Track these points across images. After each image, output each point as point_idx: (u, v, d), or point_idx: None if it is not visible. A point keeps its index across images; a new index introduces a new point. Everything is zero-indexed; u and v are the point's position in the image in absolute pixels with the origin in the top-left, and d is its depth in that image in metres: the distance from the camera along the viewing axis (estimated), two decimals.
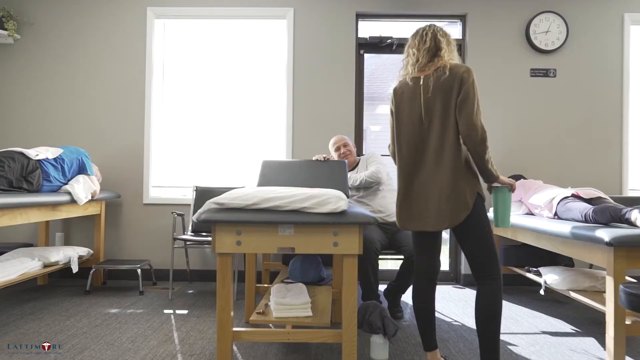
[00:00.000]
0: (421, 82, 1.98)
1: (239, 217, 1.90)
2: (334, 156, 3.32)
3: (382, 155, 3.37)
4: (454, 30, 4.16)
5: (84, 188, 3.30)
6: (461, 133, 1.86)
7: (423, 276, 2.04)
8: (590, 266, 3.69)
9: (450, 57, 1.96)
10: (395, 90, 2.09)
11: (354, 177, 3.15)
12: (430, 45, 1.98)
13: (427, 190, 1.94)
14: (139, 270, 3.50)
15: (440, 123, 1.91)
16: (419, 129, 1.98)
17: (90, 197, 3.37)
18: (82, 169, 3.39)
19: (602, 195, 2.77)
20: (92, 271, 3.52)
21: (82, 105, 4.02)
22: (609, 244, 2.06)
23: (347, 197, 2.37)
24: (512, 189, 1.99)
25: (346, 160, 3.01)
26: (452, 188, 1.87)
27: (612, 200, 2.73)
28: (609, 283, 2.15)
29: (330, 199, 1.91)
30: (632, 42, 4.04)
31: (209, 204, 1.96)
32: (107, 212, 3.97)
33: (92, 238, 3.94)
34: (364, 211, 2.00)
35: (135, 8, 4.02)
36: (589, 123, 3.99)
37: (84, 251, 3.65)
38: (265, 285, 3.06)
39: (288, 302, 2.20)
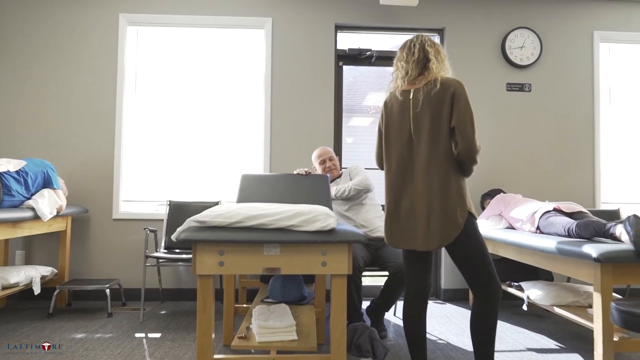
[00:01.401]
0: (411, 96, 1.93)
1: (221, 236, 1.78)
2: (318, 169, 3.23)
3: (365, 168, 3.30)
4: None
5: (49, 203, 3.10)
6: (460, 151, 1.83)
7: (414, 295, 1.97)
8: (568, 279, 3.72)
9: (441, 68, 1.92)
10: (385, 103, 2.04)
11: (342, 188, 3.05)
12: (419, 56, 1.93)
13: (416, 208, 1.88)
14: (107, 291, 3.30)
15: (428, 139, 1.86)
16: (408, 145, 1.93)
17: (55, 213, 3.16)
18: (47, 183, 3.18)
19: (583, 209, 2.79)
20: (55, 292, 3.28)
21: (48, 115, 3.80)
22: (596, 260, 2.04)
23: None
24: None
25: (328, 175, 2.93)
26: (442, 207, 1.82)
27: (592, 215, 2.76)
28: (597, 299, 2.14)
29: (319, 216, 1.82)
30: (601, 59, 4.16)
31: (189, 222, 1.84)
32: (73, 228, 3.75)
33: (56, 256, 3.70)
34: (353, 228, 1.92)
35: (107, 14, 3.86)
36: (563, 138, 4.06)
37: (47, 271, 3.41)
38: (244, 305, 2.92)
39: (271, 325, 2.09)
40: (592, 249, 2.08)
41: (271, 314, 2.27)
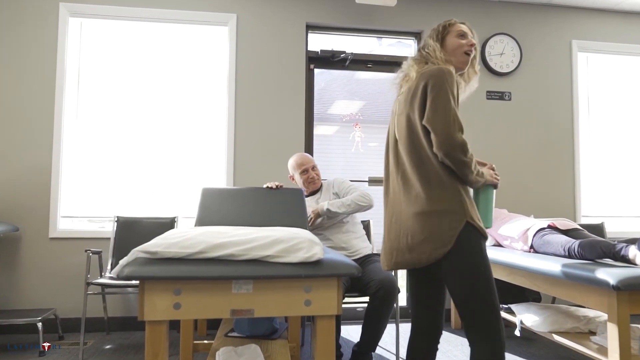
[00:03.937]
0: (398, 97, 1.66)
1: (177, 271, 1.39)
2: (298, 180, 2.79)
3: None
4: (408, 48, 3.94)
5: None
6: (437, 151, 1.45)
7: (420, 336, 1.60)
8: (553, 300, 3.53)
9: (438, 56, 1.59)
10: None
11: (338, 202, 2.62)
12: (421, 54, 1.64)
13: (400, 221, 1.53)
14: (39, 324, 2.79)
15: (407, 141, 1.54)
16: (394, 153, 1.61)
17: None
18: None
19: (578, 226, 2.59)
20: None
21: None
22: (615, 287, 1.80)
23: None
24: (496, 186, 1.63)
25: (304, 189, 2.57)
26: (426, 218, 1.45)
27: (588, 232, 2.56)
28: (612, 331, 1.89)
29: (302, 244, 1.47)
30: (580, 68, 4.05)
31: (136, 252, 1.44)
32: (0, 249, 3.20)
33: None
34: (342, 258, 1.57)
35: (44, 3, 3.35)
36: (543, 149, 3.90)
37: None
38: (204, 341, 2.50)
39: None
40: (608, 275, 1.84)
41: (239, 357, 1.89)
